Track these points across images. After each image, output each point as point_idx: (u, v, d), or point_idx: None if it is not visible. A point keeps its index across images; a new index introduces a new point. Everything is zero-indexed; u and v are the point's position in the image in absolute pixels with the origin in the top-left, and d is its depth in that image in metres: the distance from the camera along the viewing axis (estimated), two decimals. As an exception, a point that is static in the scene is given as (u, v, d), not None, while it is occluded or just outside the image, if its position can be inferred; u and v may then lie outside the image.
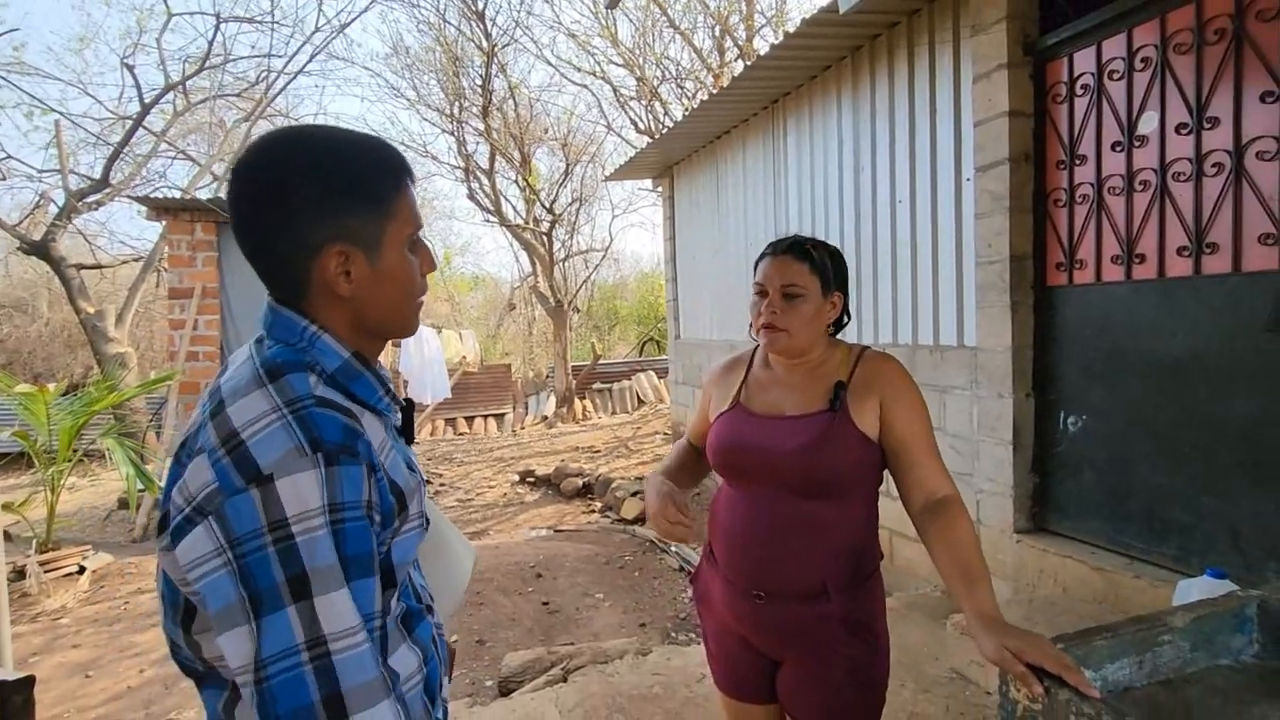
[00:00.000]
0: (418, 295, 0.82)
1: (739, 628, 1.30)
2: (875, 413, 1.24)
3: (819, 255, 1.29)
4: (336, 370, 0.75)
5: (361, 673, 0.63)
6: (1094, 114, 2.58)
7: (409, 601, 0.82)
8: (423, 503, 0.80)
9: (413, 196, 0.80)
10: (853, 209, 3.85)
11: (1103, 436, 2.62)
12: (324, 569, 0.63)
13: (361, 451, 0.69)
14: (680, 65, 10.87)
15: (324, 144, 0.76)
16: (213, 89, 11.90)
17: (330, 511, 0.64)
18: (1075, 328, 2.70)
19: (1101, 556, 2.58)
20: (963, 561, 1.10)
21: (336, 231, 0.73)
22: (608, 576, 4.59)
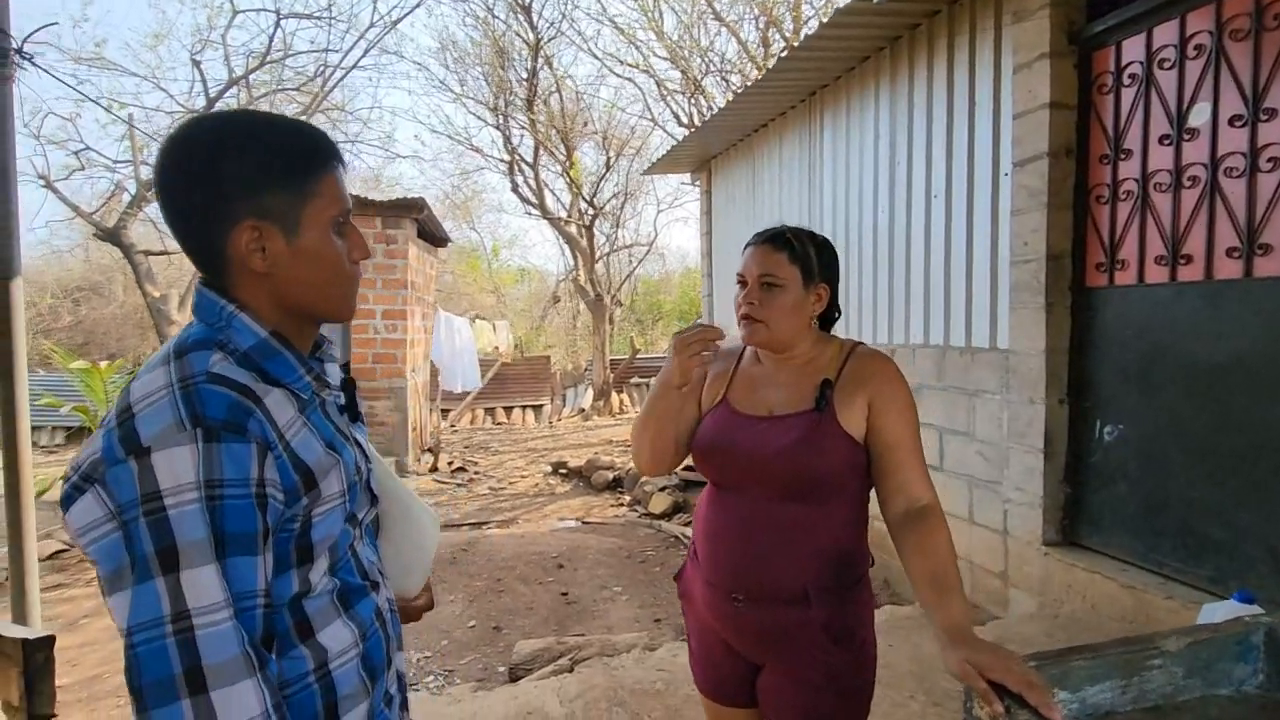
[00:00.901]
0: (345, 278, 0.82)
1: (720, 630, 1.27)
2: (863, 413, 1.18)
3: (800, 245, 1.23)
4: (250, 348, 0.75)
5: (224, 650, 0.64)
6: (1142, 105, 2.43)
7: (348, 578, 0.83)
8: (344, 480, 0.80)
9: (340, 181, 0.80)
10: (887, 203, 3.74)
11: (1139, 446, 2.48)
12: (192, 543, 0.64)
13: (252, 429, 0.69)
14: (725, 58, 10.75)
15: (247, 124, 0.77)
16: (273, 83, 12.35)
17: (206, 487, 0.65)
18: (1114, 331, 2.56)
19: (1133, 574, 2.45)
20: (937, 571, 1.05)
21: (250, 208, 0.74)
22: (628, 570, 4.60)
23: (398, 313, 7.45)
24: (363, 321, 7.41)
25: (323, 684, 0.77)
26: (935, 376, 3.35)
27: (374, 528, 0.96)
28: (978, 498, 3.10)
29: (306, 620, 0.76)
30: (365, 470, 0.88)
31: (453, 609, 3.95)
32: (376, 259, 7.40)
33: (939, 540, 1.08)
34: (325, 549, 0.79)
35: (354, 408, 0.89)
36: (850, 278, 4.10)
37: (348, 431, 0.86)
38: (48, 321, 15.56)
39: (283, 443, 0.72)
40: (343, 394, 0.88)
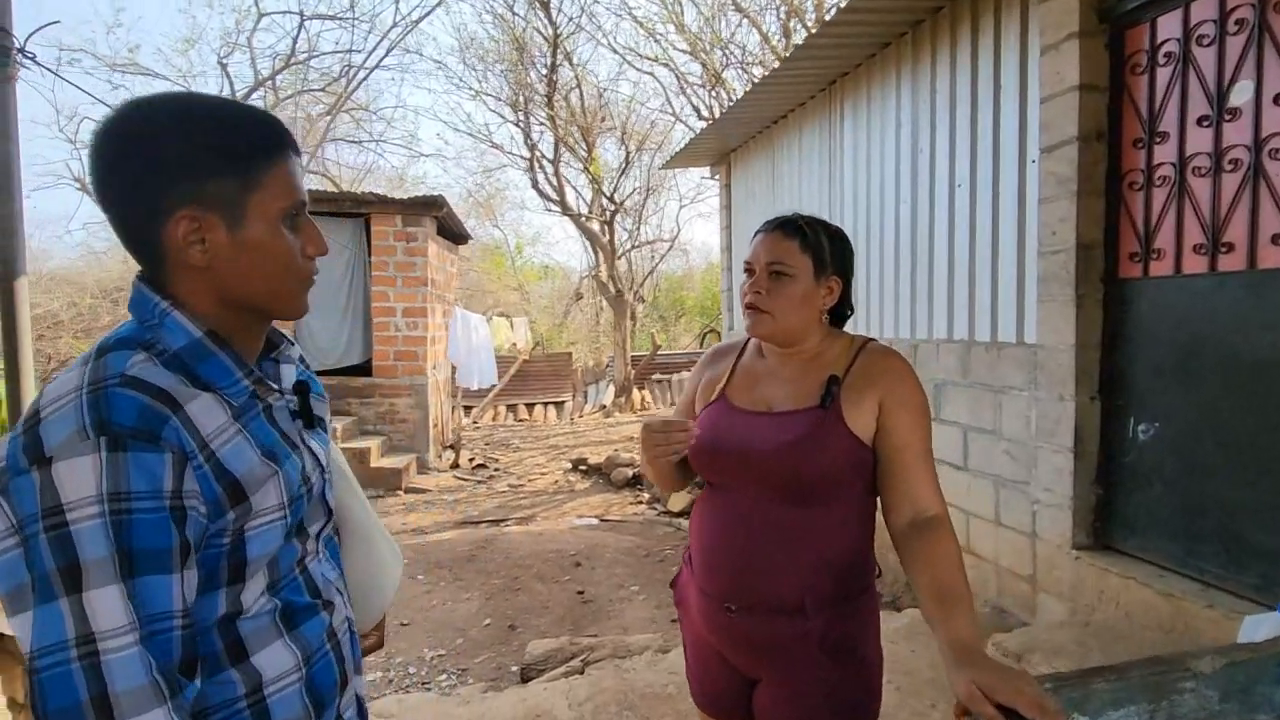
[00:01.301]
0: (297, 275, 0.77)
1: (713, 640, 1.20)
2: (873, 413, 1.11)
3: (813, 233, 1.16)
4: (181, 349, 0.70)
5: (132, 677, 0.59)
6: (1178, 85, 2.29)
7: (294, 596, 0.77)
8: (282, 495, 0.74)
9: (291, 170, 0.75)
10: (909, 194, 3.63)
11: (1176, 445, 2.35)
12: (95, 561, 0.59)
13: (167, 438, 0.64)
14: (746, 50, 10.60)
15: (188, 107, 0.72)
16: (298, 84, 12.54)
17: (110, 500, 0.60)
18: (1149, 324, 2.43)
19: (1170, 580, 2.32)
20: (943, 583, 0.98)
21: (188, 196, 0.69)
22: (645, 569, 4.55)
23: (418, 310, 7.49)
24: (383, 319, 7.47)
25: (255, 710, 0.72)
26: (960, 373, 3.23)
27: (335, 541, 0.91)
28: (1004, 498, 2.98)
29: (240, 642, 0.71)
30: (317, 481, 0.83)
31: (469, 607, 3.95)
32: (396, 257, 7.45)
33: (946, 551, 1.01)
34: (261, 567, 0.74)
35: (308, 413, 0.84)
36: (871, 271, 3.99)
37: (298, 439, 0.81)
38: (87, 321, 16.02)
39: (205, 451, 0.67)
40: (296, 398, 0.83)
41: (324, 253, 0.79)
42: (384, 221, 7.41)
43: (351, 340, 7.52)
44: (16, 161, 1.85)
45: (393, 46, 12.15)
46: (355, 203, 7.51)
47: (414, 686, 3.08)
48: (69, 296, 16.25)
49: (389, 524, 5.83)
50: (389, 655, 3.38)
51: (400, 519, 5.99)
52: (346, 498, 0.98)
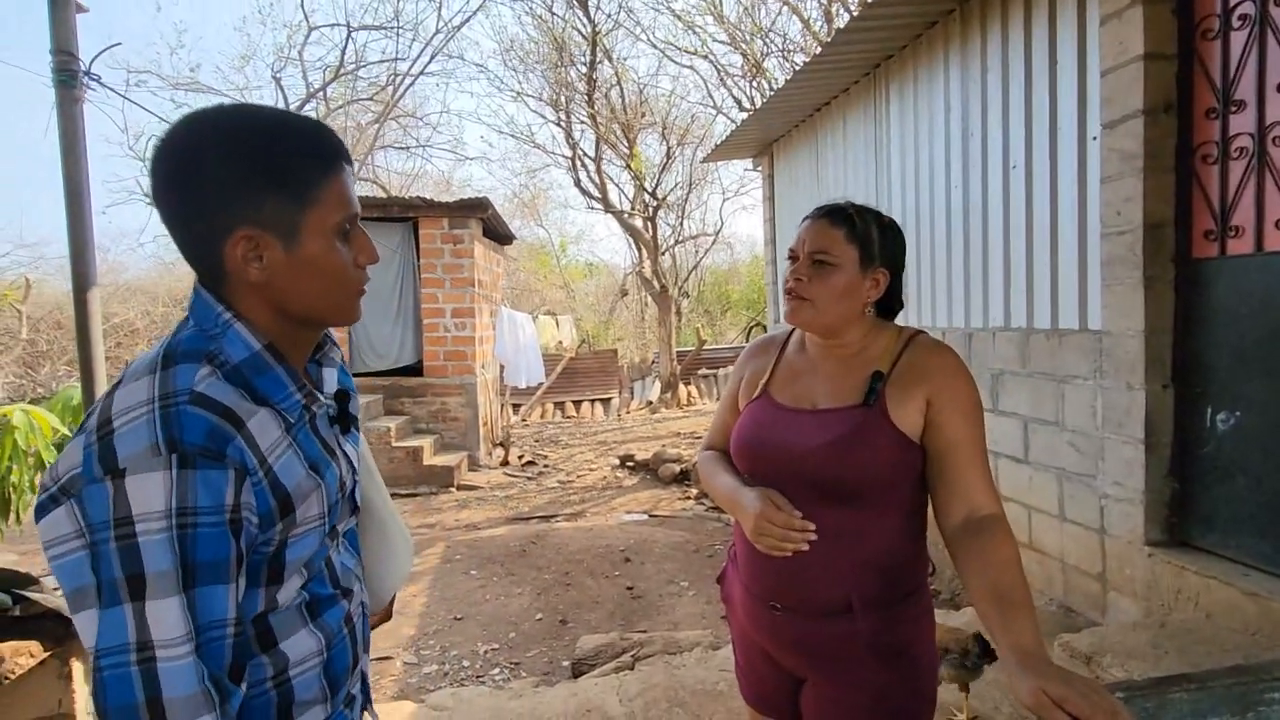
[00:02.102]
0: (351, 286, 0.78)
1: (759, 639, 1.19)
2: (920, 410, 1.06)
3: (862, 222, 1.11)
4: (242, 362, 0.72)
5: (184, 685, 0.62)
6: (1255, 49, 2.14)
7: (319, 589, 0.81)
8: (324, 504, 0.77)
9: (346, 183, 0.75)
10: (960, 178, 3.49)
11: (1262, 435, 2.19)
12: (159, 574, 0.62)
13: (231, 455, 0.67)
14: (787, 38, 10.41)
15: (244, 123, 0.73)
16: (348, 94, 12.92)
17: (178, 515, 0.63)
18: (1228, 307, 2.28)
19: (1257, 579, 2.18)
20: (1001, 585, 0.93)
21: (245, 216, 0.70)
22: (695, 565, 4.53)
23: (466, 310, 7.63)
24: (433, 320, 7.64)
25: (280, 690, 0.76)
26: (1019, 362, 3.10)
27: (355, 530, 0.95)
28: (1069, 492, 2.85)
29: (270, 631, 0.75)
30: (351, 484, 0.86)
31: (520, 601, 4.01)
32: (444, 259, 7.60)
33: (1004, 553, 0.96)
34: (299, 569, 0.77)
35: (345, 419, 0.86)
36: (923, 259, 3.86)
37: (335, 445, 0.83)
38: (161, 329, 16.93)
39: (264, 468, 0.70)
40: (335, 404, 0.85)
41: (375, 261, 0.80)
42: (431, 225, 7.57)
43: (404, 342, 7.72)
44: (86, 180, 1.96)
45: (436, 53, 12.40)
46: (403, 208, 7.70)
47: (469, 680, 3.15)
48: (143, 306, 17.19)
49: (442, 520, 5.97)
50: (444, 649, 3.47)
51: (453, 515, 6.13)
52: (369, 489, 1.01)
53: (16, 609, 1.75)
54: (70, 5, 1.94)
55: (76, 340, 1.93)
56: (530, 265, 21.41)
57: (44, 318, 12.16)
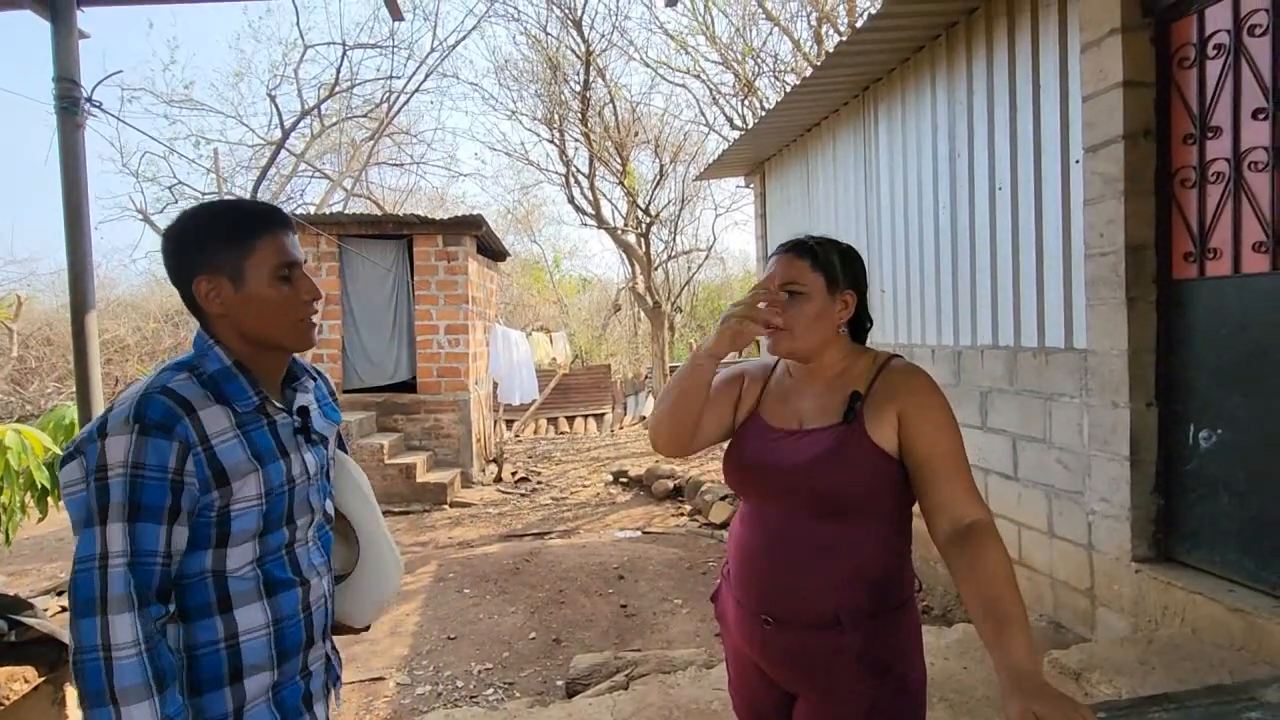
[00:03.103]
0: (294, 313, 1.03)
1: (751, 654, 1.21)
2: (893, 426, 1.11)
3: (823, 252, 1.19)
4: (215, 372, 1.00)
5: (118, 587, 0.88)
6: (1230, 78, 2.21)
7: (277, 571, 1.03)
8: (261, 488, 0.99)
9: (283, 241, 1.03)
10: (948, 198, 3.56)
11: (1242, 453, 2.24)
12: (115, 504, 0.90)
13: (178, 432, 0.93)
14: (778, 58, 10.56)
15: (208, 209, 1.05)
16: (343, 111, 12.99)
17: (132, 467, 0.90)
18: (1208, 327, 2.33)
19: (1241, 595, 2.21)
20: (992, 599, 0.95)
21: (203, 266, 1.00)
22: (689, 582, 4.53)
23: (459, 327, 7.65)
24: (426, 337, 7.64)
25: (230, 651, 0.98)
26: (1007, 380, 3.15)
27: (329, 535, 1.15)
28: (1058, 509, 2.88)
29: (228, 598, 0.98)
30: (303, 484, 1.07)
31: (514, 620, 3.99)
32: (438, 275, 7.63)
33: (992, 562, 0.99)
34: (246, 540, 1.00)
35: (307, 431, 1.10)
36: (912, 279, 3.92)
37: (294, 449, 1.06)
38: (151, 345, 16.84)
39: (204, 445, 0.96)
40: (298, 419, 1.09)
41: (318, 298, 1.05)
42: (425, 242, 7.61)
43: (399, 358, 7.72)
44: (86, 204, 1.98)
45: (431, 71, 12.51)
46: (397, 224, 7.73)
47: (462, 700, 3.13)
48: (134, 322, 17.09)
49: (435, 538, 5.94)
50: (438, 669, 3.45)
51: (446, 533, 6.10)
52: (361, 511, 1.21)
53: (12, 634, 1.74)
54: (74, 34, 1.97)
55: (74, 361, 1.95)
56: (524, 281, 21.45)
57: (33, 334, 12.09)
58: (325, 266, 7.39)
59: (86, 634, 0.88)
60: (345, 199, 13.61)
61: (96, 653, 0.86)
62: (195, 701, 0.96)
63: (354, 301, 7.56)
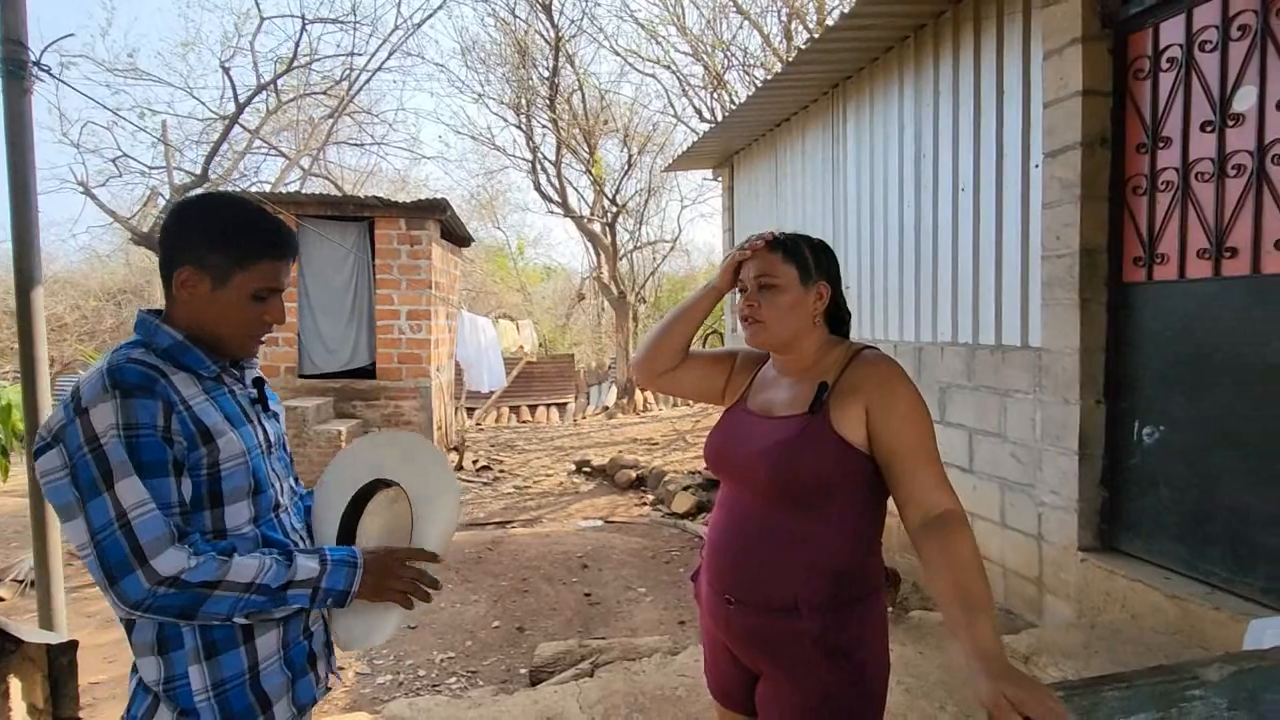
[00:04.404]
0: (249, 330, 1.07)
1: (718, 632, 1.25)
2: (860, 419, 1.14)
3: (794, 245, 1.23)
4: (169, 346, 1.03)
5: (153, 529, 0.91)
6: (1181, 91, 2.31)
7: (271, 532, 1.07)
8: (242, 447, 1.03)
9: (279, 267, 1.06)
10: (913, 198, 3.64)
11: (1182, 450, 2.36)
12: (119, 464, 0.91)
13: (158, 392, 0.96)
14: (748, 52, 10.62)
15: (231, 210, 1.07)
16: (301, 88, 12.55)
17: (125, 429, 0.92)
18: (1153, 329, 2.45)
19: (1177, 583, 2.34)
20: (961, 587, 0.99)
21: (195, 259, 1.02)
22: (653, 571, 4.57)
23: (422, 313, 7.51)
24: (387, 322, 7.49)
25: None
26: (965, 376, 3.25)
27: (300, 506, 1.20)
28: (1010, 501, 3.00)
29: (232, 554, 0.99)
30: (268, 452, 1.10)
31: (477, 609, 3.97)
32: (400, 260, 7.48)
33: (961, 552, 1.02)
34: (241, 498, 1.03)
35: (264, 402, 1.14)
36: (876, 275, 4.00)
37: (255, 417, 1.11)
38: (91, 324, 16.07)
39: (184, 405, 0.98)
40: (254, 390, 1.13)
41: (281, 323, 1.10)
42: (388, 225, 7.44)
43: (357, 343, 7.55)
44: (33, 174, 1.88)
45: (395, 50, 12.16)
46: (359, 206, 7.54)
47: (424, 689, 3.11)
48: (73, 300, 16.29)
49: (395, 527, 5.84)
50: (398, 658, 3.41)
51: (406, 522, 6.01)
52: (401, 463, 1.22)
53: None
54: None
55: (19, 339, 1.85)
56: (487, 267, 21.17)
57: (-37, 310, 11.41)
58: (282, 247, 7.17)
59: (131, 590, 0.90)
60: (302, 178, 13.19)
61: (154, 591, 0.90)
62: (213, 662, 0.99)
63: (311, 285, 7.35)
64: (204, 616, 0.94)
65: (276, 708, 1.05)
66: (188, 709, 0.98)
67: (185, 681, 0.98)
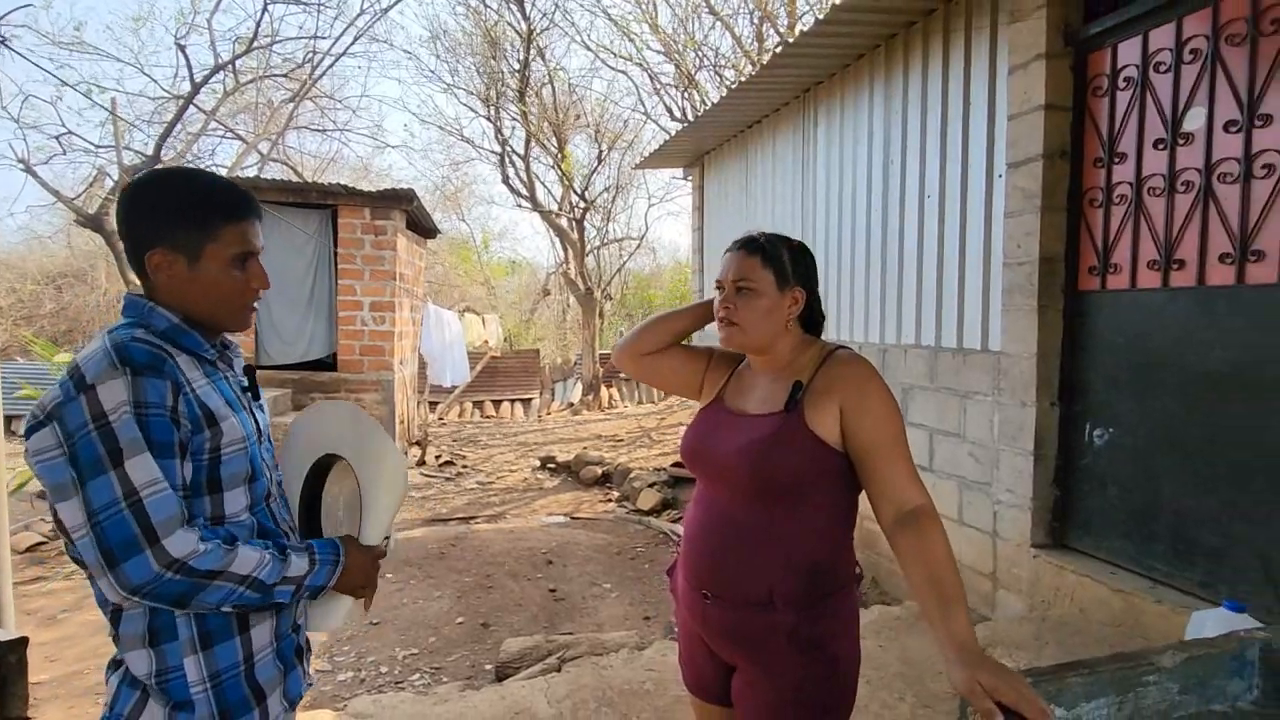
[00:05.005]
0: (239, 299, 1.05)
1: (695, 626, 1.28)
2: (835, 418, 1.17)
3: (773, 249, 1.25)
4: (166, 329, 1.00)
5: (166, 509, 0.89)
6: (1137, 109, 2.42)
7: (265, 522, 1.06)
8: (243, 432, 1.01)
9: (245, 228, 1.03)
10: (880, 203, 3.73)
11: (1130, 451, 2.48)
12: (131, 441, 0.89)
13: (168, 372, 0.94)
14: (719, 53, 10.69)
15: (179, 180, 1.06)
16: (260, 69, 12.16)
17: (135, 406, 0.90)
18: (1106, 336, 2.56)
19: (1122, 578, 2.46)
20: (936, 580, 1.03)
21: (162, 239, 0.99)
22: (618, 567, 4.59)
23: (386, 304, 7.37)
24: (349, 313, 7.33)
25: None
26: (927, 378, 3.35)
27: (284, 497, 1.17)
28: (968, 499, 3.10)
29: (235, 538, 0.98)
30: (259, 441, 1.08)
31: (440, 605, 3.93)
32: (364, 250, 7.32)
33: (935, 546, 1.06)
34: (239, 484, 1.01)
35: (255, 388, 1.14)
36: (843, 277, 4.09)
37: (249, 406, 1.10)
38: (29, 308, 15.30)
39: (189, 387, 0.97)
40: (245, 378, 1.13)
41: (267, 287, 1.08)
42: (352, 214, 7.27)
43: (315, 334, 7.35)
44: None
45: (360, 34, 11.86)
46: (322, 194, 7.34)
47: (387, 686, 3.06)
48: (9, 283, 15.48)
49: (355, 522, 5.73)
50: (360, 655, 3.35)
51: (367, 517, 5.90)
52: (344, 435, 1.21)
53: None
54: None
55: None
56: (451, 260, 20.85)
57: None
58: (240, 234, 6.94)
59: (137, 573, 0.87)
60: (260, 163, 12.78)
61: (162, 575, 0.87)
62: (209, 652, 0.97)
63: (269, 273, 7.12)
64: (196, 606, 0.92)
65: (270, 700, 1.04)
66: (182, 701, 0.95)
67: (180, 673, 0.95)
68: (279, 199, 7.12)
